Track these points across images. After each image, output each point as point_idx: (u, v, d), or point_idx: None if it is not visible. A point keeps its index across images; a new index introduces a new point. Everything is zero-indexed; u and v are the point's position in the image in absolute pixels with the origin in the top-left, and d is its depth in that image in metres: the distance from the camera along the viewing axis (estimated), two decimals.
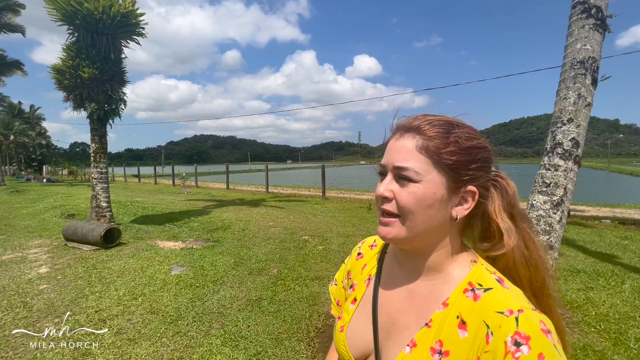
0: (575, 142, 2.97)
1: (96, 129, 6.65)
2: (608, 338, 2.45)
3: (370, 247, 0.77)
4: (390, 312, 0.62)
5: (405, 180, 0.54)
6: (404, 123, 0.58)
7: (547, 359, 0.43)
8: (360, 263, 0.76)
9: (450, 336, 0.52)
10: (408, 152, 0.55)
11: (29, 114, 40.33)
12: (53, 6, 5.95)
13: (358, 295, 0.70)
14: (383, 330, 0.62)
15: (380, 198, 0.57)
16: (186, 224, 7.31)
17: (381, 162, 0.59)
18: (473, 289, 0.54)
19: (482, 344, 0.48)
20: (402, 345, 0.57)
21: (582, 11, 3.02)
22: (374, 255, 0.74)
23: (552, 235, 2.93)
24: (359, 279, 0.73)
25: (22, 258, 4.73)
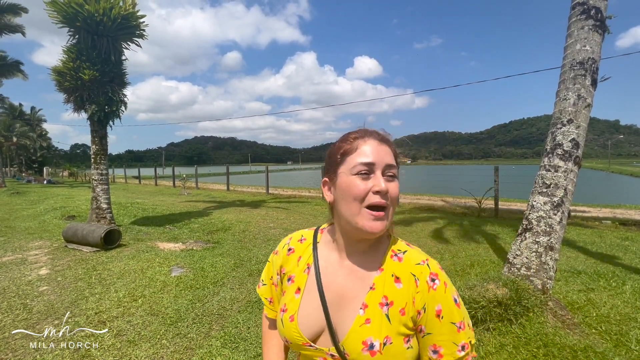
0: (575, 143, 2.98)
1: (96, 131, 6.66)
2: (609, 339, 2.44)
3: (299, 241, 0.84)
4: (336, 289, 0.73)
5: (391, 177, 0.69)
6: (380, 134, 0.73)
7: (448, 284, 0.70)
8: (293, 257, 0.82)
9: (390, 290, 0.70)
10: (390, 155, 0.71)
11: (29, 116, 40.39)
12: (54, 8, 5.97)
13: (300, 284, 0.77)
14: (332, 305, 0.72)
15: (382, 191, 0.66)
16: (186, 225, 7.31)
17: (366, 160, 0.68)
18: (396, 254, 0.74)
19: (413, 287, 0.69)
20: (355, 311, 0.70)
21: (582, 12, 3.02)
22: (306, 248, 0.81)
23: (553, 236, 2.93)
24: (297, 270, 0.79)
25: (22, 260, 4.73)
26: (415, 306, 0.68)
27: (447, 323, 0.66)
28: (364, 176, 0.67)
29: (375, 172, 0.68)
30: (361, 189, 0.66)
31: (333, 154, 0.74)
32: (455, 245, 5.56)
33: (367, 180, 0.67)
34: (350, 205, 0.68)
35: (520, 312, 2.58)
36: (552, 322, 2.57)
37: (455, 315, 0.67)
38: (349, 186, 0.68)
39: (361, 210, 0.66)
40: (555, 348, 2.26)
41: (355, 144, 0.71)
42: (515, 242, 3.12)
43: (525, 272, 2.94)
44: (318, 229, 0.85)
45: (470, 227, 6.88)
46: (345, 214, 0.69)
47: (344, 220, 0.71)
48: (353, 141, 0.71)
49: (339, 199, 0.71)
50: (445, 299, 0.68)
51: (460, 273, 3.95)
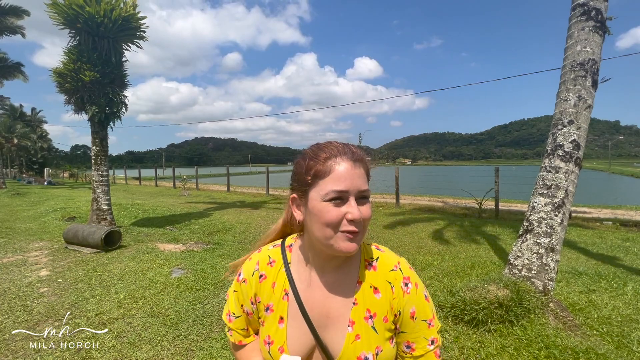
0: (576, 144, 2.97)
1: (97, 132, 6.67)
2: (611, 341, 2.44)
3: (268, 265, 0.78)
4: (320, 310, 0.72)
5: (364, 199, 0.67)
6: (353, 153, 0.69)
7: (418, 284, 0.75)
8: (266, 284, 0.76)
9: (371, 302, 0.72)
10: (363, 178, 0.68)
11: (30, 117, 40.44)
12: (55, 10, 5.98)
13: (282, 312, 0.74)
14: (320, 327, 0.72)
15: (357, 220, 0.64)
16: (187, 226, 7.31)
17: (339, 188, 0.65)
18: (369, 262, 0.76)
19: (390, 294, 0.73)
20: (343, 329, 0.71)
21: (582, 13, 3.02)
22: (278, 271, 0.77)
23: (554, 237, 2.92)
24: (274, 298, 0.75)
25: (23, 261, 4.73)
26: (393, 310, 0.73)
27: (419, 322, 0.73)
28: (337, 202, 0.65)
29: (348, 198, 0.65)
30: (334, 216, 0.64)
31: (302, 173, 0.70)
32: (455, 246, 5.56)
33: (340, 207, 0.65)
34: (324, 230, 0.66)
35: (521, 313, 2.58)
36: (554, 324, 2.57)
37: (427, 313, 0.74)
38: (321, 212, 0.65)
39: (336, 234, 0.65)
40: (556, 350, 2.26)
41: (327, 165, 0.67)
42: (516, 244, 3.12)
43: (526, 273, 2.93)
44: (284, 246, 0.80)
45: (471, 228, 6.88)
46: (319, 236, 0.67)
47: (316, 241, 0.69)
48: (324, 162, 0.67)
49: (310, 221, 0.69)
50: (418, 300, 0.74)
51: (461, 274, 3.95)
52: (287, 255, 0.78)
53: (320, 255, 0.72)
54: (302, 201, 0.71)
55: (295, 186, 0.73)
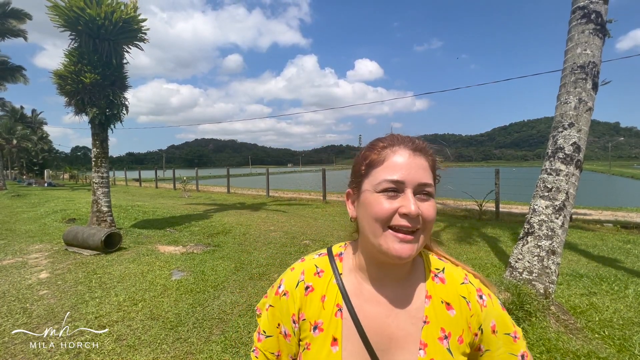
0: (577, 147, 2.97)
1: (97, 134, 6.67)
2: (612, 344, 2.43)
3: (316, 275, 0.67)
4: (382, 330, 0.61)
5: (426, 196, 0.59)
6: (414, 142, 0.62)
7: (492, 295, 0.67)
8: (314, 297, 0.65)
9: (445, 320, 0.63)
10: (426, 170, 0.60)
11: (31, 119, 40.51)
12: (55, 12, 6.00)
13: (336, 333, 0.62)
14: (382, 351, 0.60)
15: (412, 215, 0.56)
16: (187, 228, 7.30)
17: (393, 177, 0.58)
18: (436, 274, 0.67)
19: (467, 311, 0.64)
20: (413, 353, 0.60)
21: (582, 16, 3.03)
22: (328, 283, 0.66)
23: (555, 240, 2.92)
24: (325, 315, 0.63)
25: (23, 263, 4.72)
26: (472, 330, 0.63)
27: (502, 336, 0.64)
28: (390, 194, 0.58)
29: (404, 191, 0.58)
30: (385, 209, 0.57)
31: (358, 164, 0.65)
32: (455, 248, 5.55)
33: (394, 199, 0.57)
34: (373, 225, 0.58)
35: (522, 316, 2.57)
36: (555, 327, 2.56)
37: (509, 325, 0.65)
38: (371, 205, 0.59)
39: (385, 232, 0.57)
40: (558, 353, 2.25)
41: (383, 154, 0.61)
42: (517, 246, 3.11)
43: (527, 276, 2.93)
44: (332, 254, 0.70)
45: (471, 230, 6.87)
46: (368, 233, 0.60)
47: (366, 239, 0.62)
48: (381, 151, 0.61)
49: (361, 216, 0.62)
50: (496, 312, 0.65)
51: None
52: (337, 264, 0.67)
53: (377, 262, 0.63)
54: (356, 196, 0.65)
55: (351, 180, 0.67)
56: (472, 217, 8.55)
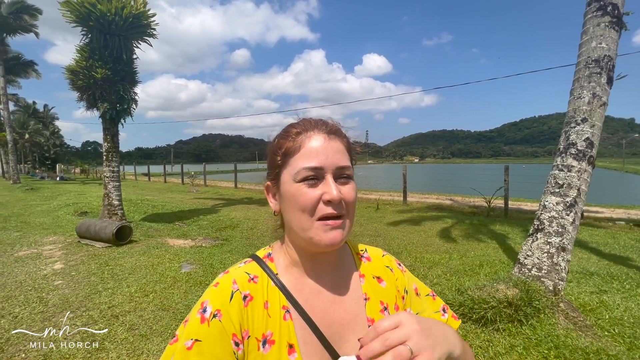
0: (590, 143, 2.92)
1: (108, 129, 6.78)
2: (622, 342, 2.40)
3: (250, 281, 0.59)
4: (332, 319, 0.60)
5: (346, 179, 0.58)
6: (327, 125, 0.60)
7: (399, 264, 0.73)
8: (255, 306, 0.57)
9: (380, 293, 0.66)
10: (343, 153, 0.59)
11: (43, 114, 41.30)
12: (67, 8, 6.08)
13: (290, 338, 0.56)
14: (336, 341, 0.59)
15: (335, 200, 0.54)
16: (195, 222, 7.40)
17: (311, 164, 0.55)
18: (361, 255, 0.70)
19: (392, 278, 0.69)
20: (363, 332, 0.59)
21: (598, 9, 2.96)
22: (266, 286, 0.59)
23: (565, 237, 2.89)
24: (272, 323, 0.56)
25: (38, 254, 4.86)
26: (400, 293, 0.68)
27: (425, 298, 0.70)
28: (311, 182, 0.55)
29: (324, 176, 0.56)
30: (309, 198, 0.54)
31: (273, 154, 0.61)
32: (464, 244, 5.52)
33: (315, 187, 0.55)
34: (299, 218, 0.56)
35: (531, 313, 2.56)
36: (564, 324, 2.54)
37: (426, 288, 0.73)
38: (293, 196, 0.56)
39: (313, 223, 0.55)
40: (566, 350, 2.24)
41: (298, 140, 0.57)
42: (526, 243, 3.09)
43: (536, 272, 2.91)
44: (258, 259, 0.64)
45: (479, 227, 6.82)
46: (296, 227, 0.57)
47: (294, 232, 0.59)
48: (295, 137, 0.58)
49: (285, 209, 0.59)
50: (414, 278, 0.73)
51: (469, 273, 3.92)
52: (268, 266, 0.62)
53: (309, 254, 0.61)
54: (275, 188, 0.62)
55: (269, 172, 0.63)
56: (480, 214, 8.48)
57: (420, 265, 4.29)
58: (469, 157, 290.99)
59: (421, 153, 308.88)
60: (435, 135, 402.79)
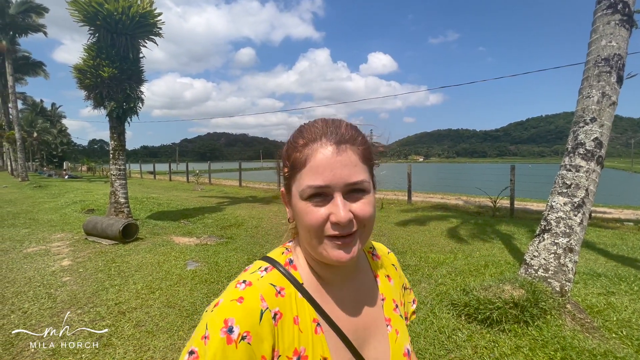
0: (598, 143, 2.88)
1: (115, 127, 6.84)
2: (630, 345, 2.37)
3: (278, 295, 0.55)
4: (357, 326, 0.60)
5: (359, 193, 0.53)
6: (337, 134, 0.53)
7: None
8: (285, 324, 0.53)
9: (391, 291, 0.69)
10: (355, 165, 0.53)
11: (50, 112, 41.80)
12: (75, 7, 6.14)
13: (323, 352, 0.55)
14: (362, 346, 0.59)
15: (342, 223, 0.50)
16: (200, 220, 7.45)
17: (315, 183, 0.51)
18: (372, 253, 0.72)
19: (397, 276, 0.73)
20: (383, 332, 0.63)
21: (608, 7, 2.91)
22: (294, 300, 0.56)
23: (572, 237, 2.86)
24: (305, 339, 0.54)
25: (46, 251, 4.92)
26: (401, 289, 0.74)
27: (409, 291, 0.77)
28: (317, 201, 0.51)
29: (332, 195, 0.51)
30: (315, 219, 0.51)
31: (283, 164, 0.58)
32: (469, 244, 5.49)
33: (323, 206, 0.51)
34: (307, 235, 0.53)
35: (537, 314, 2.54)
36: (571, 325, 2.52)
37: (408, 282, 0.78)
38: (300, 214, 0.53)
39: (322, 240, 0.52)
40: (573, 352, 2.22)
41: (304, 153, 0.53)
42: (533, 243, 3.06)
43: (542, 273, 2.88)
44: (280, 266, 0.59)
45: (485, 227, 6.77)
46: (306, 243, 0.56)
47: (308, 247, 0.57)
48: (302, 149, 0.53)
49: (296, 221, 0.57)
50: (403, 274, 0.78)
51: (475, 273, 3.90)
52: (293, 275, 0.58)
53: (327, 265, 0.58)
54: (288, 197, 0.58)
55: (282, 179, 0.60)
56: (485, 214, 8.42)
57: (425, 265, 4.28)
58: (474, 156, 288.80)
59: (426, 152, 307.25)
60: (441, 134, 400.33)
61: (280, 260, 0.60)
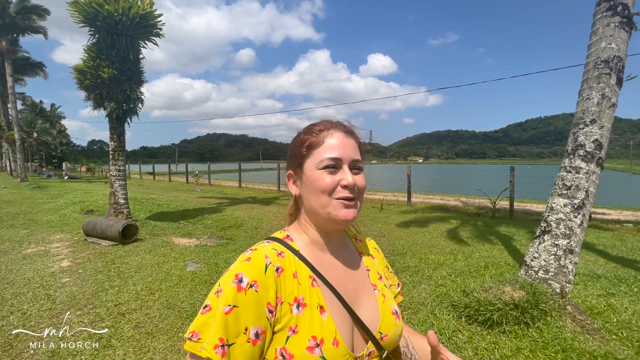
0: (598, 144, 2.89)
1: (115, 128, 6.84)
2: (631, 346, 2.37)
3: (279, 255, 0.66)
4: (347, 287, 0.72)
5: (358, 170, 0.71)
6: (345, 126, 0.74)
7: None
8: (286, 276, 0.64)
9: (375, 266, 0.83)
10: (356, 149, 0.72)
11: (50, 112, 41.76)
12: (75, 8, 6.14)
13: (319, 301, 0.65)
14: (351, 301, 0.70)
15: (350, 185, 0.67)
16: (200, 221, 7.44)
17: (332, 155, 0.68)
18: (356, 237, 0.86)
19: (380, 257, 0.87)
20: (371, 295, 0.75)
21: (608, 9, 2.92)
22: (293, 260, 0.68)
23: (573, 239, 2.86)
24: (303, 290, 0.64)
25: (45, 252, 4.91)
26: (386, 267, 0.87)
27: (392, 274, 0.89)
28: (331, 170, 0.68)
29: (342, 166, 0.68)
30: (329, 182, 0.67)
31: (298, 147, 0.73)
32: (469, 245, 5.49)
33: (334, 174, 0.68)
34: (320, 197, 0.67)
35: (537, 315, 2.54)
36: (571, 327, 2.52)
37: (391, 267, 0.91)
38: (316, 180, 0.68)
39: (331, 201, 0.67)
40: (574, 353, 2.22)
41: (321, 136, 0.70)
42: (533, 245, 3.06)
43: (543, 275, 2.88)
44: (279, 239, 0.72)
45: (484, 228, 6.77)
46: (315, 205, 0.68)
47: (313, 212, 0.70)
48: (318, 134, 0.71)
49: (306, 192, 0.70)
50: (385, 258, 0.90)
51: (475, 274, 3.90)
52: (290, 244, 0.71)
53: (326, 232, 0.73)
54: (298, 176, 0.73)
55: (291, 162, 0.74)
56: (485, 215, 8.43)
57: (425, 266, 4.28)
58: (473, 157, 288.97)
59: (425, 153, 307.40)
60: (440, 135, 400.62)
61: (279, 236, 0.74)
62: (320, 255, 0.72)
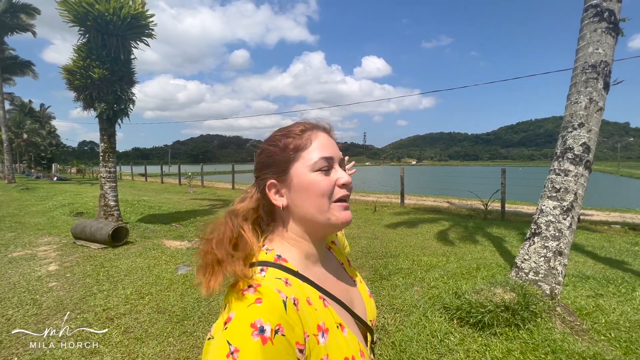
0: (586, 147, 2.94)
1: (105, 129, 6.74)
2: (619, 347, 2.41)
3: (287, 285, 0.58)
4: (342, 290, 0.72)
5: (343, 167, 0.69)
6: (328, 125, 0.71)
7: None
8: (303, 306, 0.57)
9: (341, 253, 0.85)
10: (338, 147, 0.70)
11: (39, 113, 41.03)
12: (65, 7, 6.05)
13: (336, 319, 0.62)
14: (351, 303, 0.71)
15: (348, 183, 0.65)
16: (192, 223, 7.37)
17: (326, 155, 0.64)
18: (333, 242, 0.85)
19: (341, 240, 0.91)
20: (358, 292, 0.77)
21: (595, 14, 2.98)
22: (300, 285, 0.60)
23: (562, 241, 2.90)
24: (320, 315, 0.59)
25: (32, 255, 4.81)
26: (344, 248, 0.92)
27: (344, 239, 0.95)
28: (325, 171, 0.64)
29: (334, 166, 0.65)
30: (327, 184, 0.63)
31: (280, 152, 0.64)
32: (460, 247, 5.53)
33: (329, 175, 0.64)
34: (319, 202, 0.62)
35: (528, 317, 2.56)
36: (561, 328, 2.55)
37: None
38: (312, 183, 0.62)
39: (331, 205, 0.63)
40: (563, 354, 2.24)
41: (305, 137, 0.65)
42: (524, 247, 3.10)
43: (533, 276, 2.91)
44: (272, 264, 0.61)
45: (476, 230, 6.83)
46: (312, 211, 0.63)
47: (309, 220, 0.64)
48: (302, 134, 0.65)
49: (300, 199, 0.63)
50: None
51: (466, 276, 3.92)
52: (286, 266, 0.62)
53: (317, 242, 0.68)
54: (283, 183, 0.64)
55: (271, 170, 0.65)
56: (477, 217, 8.51)
57: (418, 268, 4.29)
58: (466, 159, 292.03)
59: (419, 155, 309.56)
60: (433, 137, 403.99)
61: (269, 259, 0.62)
62: (315, 269, 0.68)
